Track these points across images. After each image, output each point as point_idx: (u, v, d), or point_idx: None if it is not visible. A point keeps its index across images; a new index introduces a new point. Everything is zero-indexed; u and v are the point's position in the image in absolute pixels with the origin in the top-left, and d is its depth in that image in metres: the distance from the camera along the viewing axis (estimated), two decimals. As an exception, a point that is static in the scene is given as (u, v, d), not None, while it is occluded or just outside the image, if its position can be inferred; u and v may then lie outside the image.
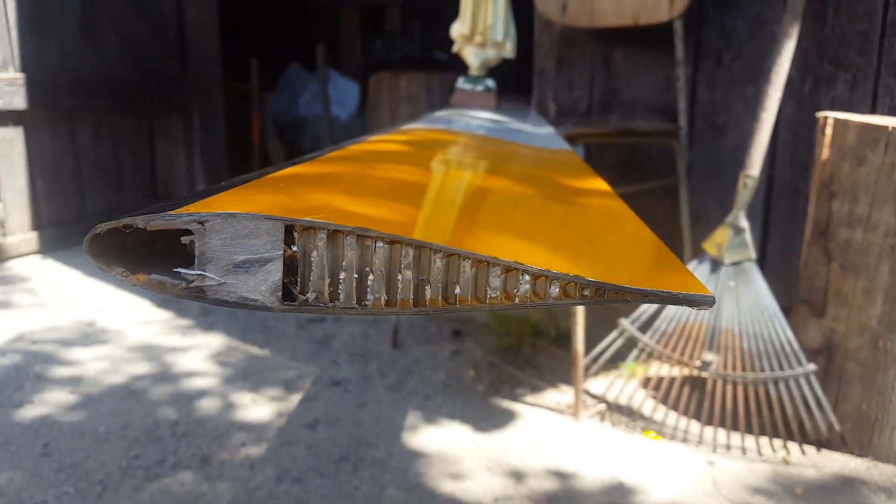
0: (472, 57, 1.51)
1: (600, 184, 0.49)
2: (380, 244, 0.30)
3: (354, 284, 0.30)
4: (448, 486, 1.16)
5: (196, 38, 2.95)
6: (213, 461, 1.23)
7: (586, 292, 0.31)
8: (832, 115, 1.21)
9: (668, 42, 1.72)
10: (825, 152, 1.21)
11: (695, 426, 1.33)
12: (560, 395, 1.49)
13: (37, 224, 2.48)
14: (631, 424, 1.36)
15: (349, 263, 0.30)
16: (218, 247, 0.29)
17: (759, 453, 1.25)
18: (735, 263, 1.29)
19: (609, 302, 0.31)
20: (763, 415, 1.27)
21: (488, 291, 0.30)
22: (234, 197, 0.31)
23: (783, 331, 1.24)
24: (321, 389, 1.51)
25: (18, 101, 2.32)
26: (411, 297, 0.30)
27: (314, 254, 0.30)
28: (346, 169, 0.45)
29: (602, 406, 1.42)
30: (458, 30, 1.52)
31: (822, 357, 1.24)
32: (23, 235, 2.42)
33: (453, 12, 1.58)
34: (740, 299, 1.28)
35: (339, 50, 4.81)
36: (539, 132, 0.90)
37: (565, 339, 1.71)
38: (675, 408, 1.36)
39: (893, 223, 1.12)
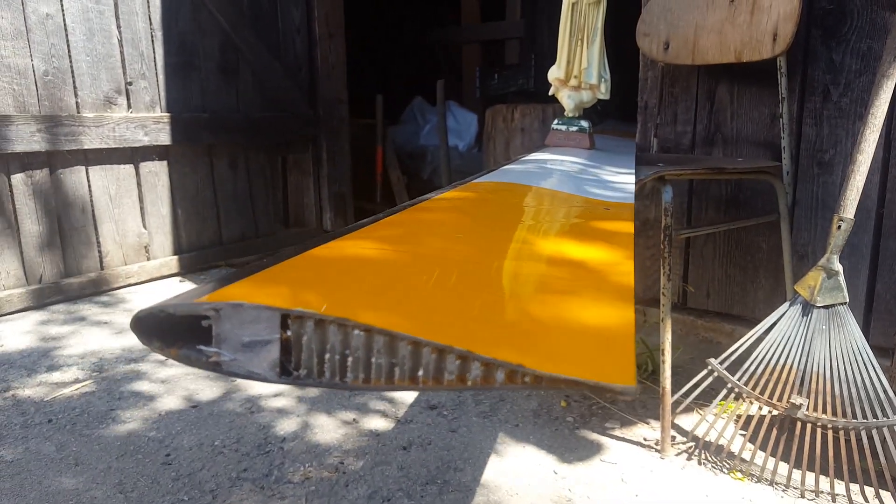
0: (567, 99, 1.61)
1: (617, 251, 0.56)
2: (356, 332, 0.36)
3: (338, 364, 0.37)
4: (528, 510, 1.25)
5: (325, 78, 3.27)
6: (312, 477, 1.38)
7: (527, 379, 0.35)
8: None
9: (773, 77, 1.73)
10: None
11: (783, 469, 1.33)
12: (649, 431, 1.53)
13: (177, 249, 2.83)
14: (717, 464, 1.39)
15: (332, 346, 0.36)
16: (229, 330, 0.36)
17: (850, 501, 1.24)
18: (827, 307, 1.29)
19: (546, 388, 0.35)
20: (854, 462, 1.25)
21: (445, 374, 0.36)
22: (249, 286, 0.40)
23: (878, 377, 1.23)
24: (417, 413, 1.65)
25: (164, 138, 2.69)
26: (383, 377, 0.36)
27: (304, 338, 0.36)
28: (371, 249, 0.53)
29: (690, 444, 1.45)
30: (554, 73, 1.63)
31: (922, 407, 1.21)
32: (164, 259, 2.77)
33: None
34: (832, 343, 1.27)
35: (462, 83, 5.05)
36: (619, 178, 0.98)
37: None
38: (763, 449, 1.37)
39: None
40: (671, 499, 1.28)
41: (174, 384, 1.81)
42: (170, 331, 0.37)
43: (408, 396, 1.72)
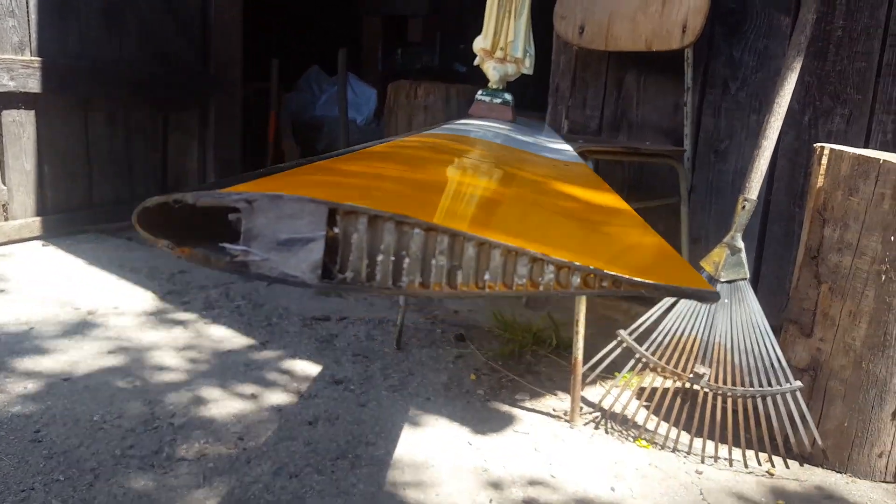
0: (492, 71, 1.60)
1: (612, 195, 0.56)
2: (417, 230, 0.33)
3: (391, 267, 0.33)
4: (444, 486, 1.24)
5: (219, 35, 3.06)
6: (209, 453, 1.29)
7: (605, 283, 0.34)
8: (828, 146, 1.30)
9: (678, 69, 1.82)
10: (820, 181, 1.30)
11: (685, 437, 1.41)
12: (558, 402, 1.57)
13: (41, 209, 2.55)
14: (624, 432, 1.44)
15: (387, 247, 0.33)
16: (263, 225, 0.32)
17: (746, 465, 1.33)
18: (730, 281, 1.37)
19: (624, 294, 0.34)
20: (751, 428, 1.34)
21: (515, 279, 0.34)
22: (281, 181, 0.36)
23: (773, 348, 1.33)
24: (323, 388, 1.58)
25: (33, 84, 2.40)
26: (444, 280, 0.34)
27: (354, 236, 0.33)
28: (376, 167, 0.51)
29: (597, 414, 1.50)
30: (479, 44, 1.61)
31: (809, 375, 1.32)
32: (25, 220, 2.49)
33: (475, 27, 1.67)
34: (733, 316, 1.36)
35: (360, 56, 4.93)
36: (554, 145, 0.98)
37: (565, 348, 1.78)
38: (667, 418, 1.44)
39: (880, 250, 1.20)
40: (582, 465, 1.31)
41: (43, 355, 1.62)
42: (180, 229, 0.32)
43: (311, 370, 1.65)
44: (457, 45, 4.31)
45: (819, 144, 1.32)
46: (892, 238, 1.18)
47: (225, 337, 1.82)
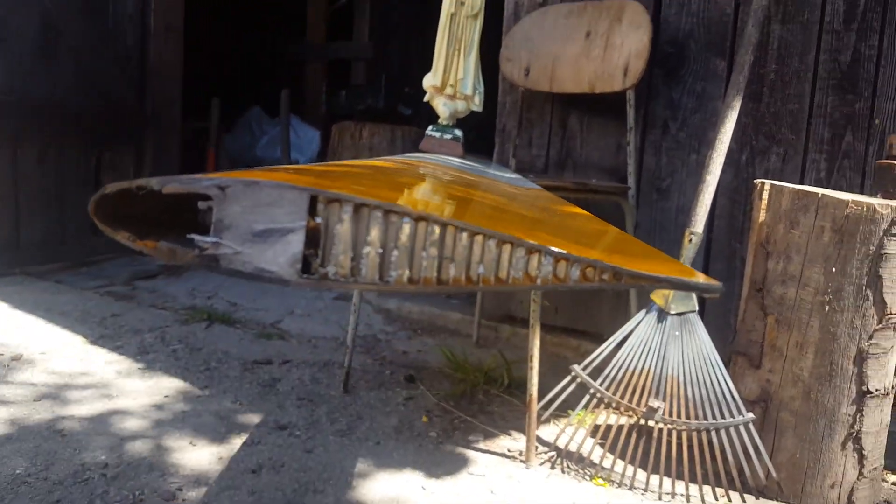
0: (442, 107, 1.61)
1: (581, 211, 0.55)
2: (406, 220, 0.30)
3: (378, 260, 0.31)
4: (399, 527, 1.18)
5: (158, 74, 2.99)
6: None
7: (605, 276, 0.33)
8: (768, 181, 1.35)
9: (620, 110, 1.87)
10: (762, 215, 1.34)
11: (642, 474, 1.39)
12: (512, 442, 1.53)
13: (-36, 252, 2.40)
14: (581, 471, 1.41)
15: (374, 238, 0.30)
16: (237, 214, 0.29)
17: (703, 501, 1.32)
18: (680, 314, 1.38)
19: (625, 287, 0.32)
20: (707, 463, 1.34)
21: (511, 272, 0.32)
22: (255, 172, 0.32)
23: (724, 380, 1.34)
24: (266, 433, 1.50)
25: (-42, 121, 2.29)
26: (434, 274, 0.31)
27: (338, 227, 0.30)
28: (355, 170, 0.48)
29: (553, 453, 1.47)
30: (429, 81, 1.62)
31: (760, 407, 1.34)
32: (-52, 263, 2.33)
33: (420, 69, 1.68)
34: (685, 348, 1.37)
35: (304, 97, 4.91)
36: (508, 175, 0.98)
37: (518, 386, 1.76)
38: (623, 455, 1.42)
39: (823, 281, 1.24)
40: (541, 507, 1.27)
41: (-43, 407, 1.49)
42: (140, 221, 0.27)
43: (253, 416, 1.57)
44: (401, 87, 4.35)
45: (759, 180, 1.37)
46: (834, 269, 1.22)
47: (161, 383, 1.72)
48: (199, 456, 1.38)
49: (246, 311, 2.38)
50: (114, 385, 1.68)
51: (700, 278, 0.33)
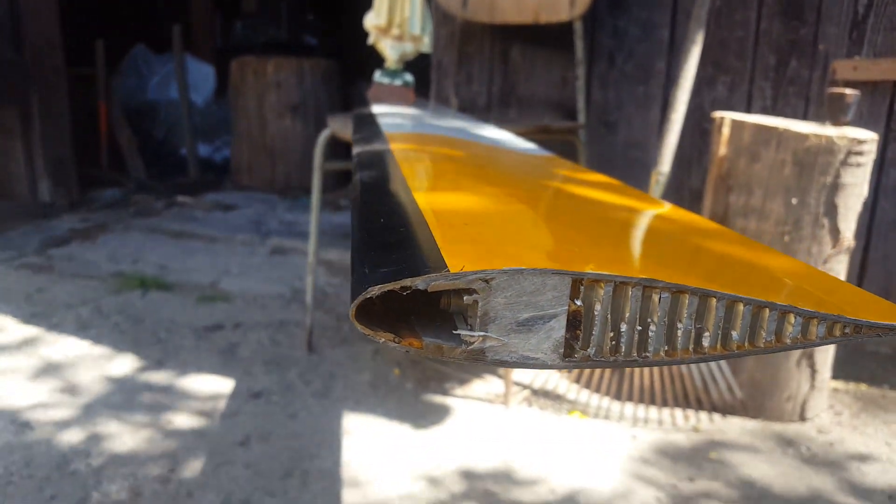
0: (390, 50, 1.59)
1: (644, 198, 0.59)
2: (665, 294, 0.31)
3: (636, 337, 0.31)
4: (404, 487, 1.25)
5: (32, 17, 2.74)
6: (144, 492, 1.21)
7: (847, 330, 0.32)
8: (728, 115, 1.45)
9: (565, 41, 1.92)
10: (722, 149, 1.45)
11: (616, 404, 1.52)
12: (487, 386, 1.63)
13: None
14: (557, 407, 1.54)
15: (632, 315, 0.31)
16: (502, 306, 0.29)
17: (674, 424, 1.47)
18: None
19: (862, 339, 0.32)
20: (676, 388, 1.49)
21: (763, 335, 0.32)
22: (502, 247, 0.32)
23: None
24: (242, 403, 1.52)
25: None
26: (691, 346, 0.32)
27: (597, 307, 0.30)
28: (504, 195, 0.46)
29: (528, 392, 1.58)
30: (372, 21, 1.59)
31: (726, 333, 1.49)
32: None
33: None
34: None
35: (191, 32, 4.62)
36: (497, 136, 1.01)
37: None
38: (598, 389, 1.55)
39: (783, 213, 1.37)
40: (527, 442, 1.38)
41: None
42: (383, 317, 0.28)
43: (223, 386, 1.58)
44: (304, 15, 4.18)
45: (718, 114, 1.47)
46: (794, 201, 1.35)
47: (113, 360, 1.68)
48: (180, 434, 1.39)
49: (178, 273, 2.32)
50: (64, 367, 1.63)
51: None
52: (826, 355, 1.48)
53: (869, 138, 1.32)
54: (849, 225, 1.38)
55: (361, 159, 0.56)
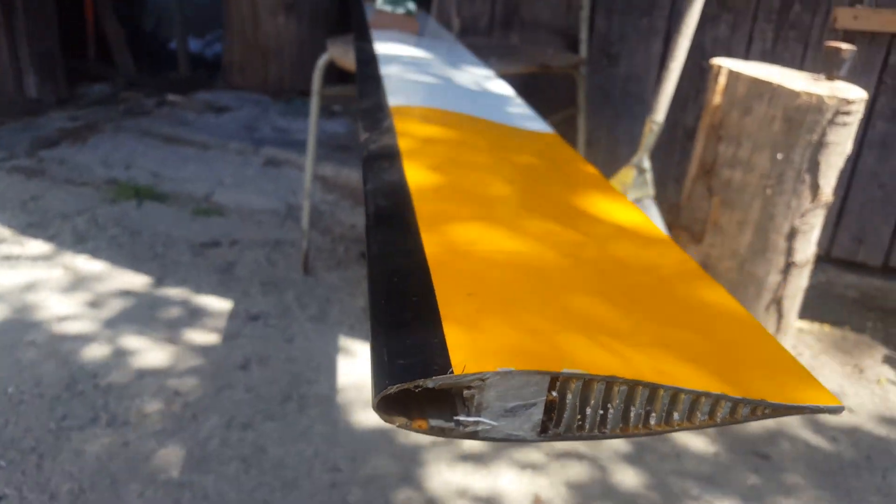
0: (392, -22, 1.57)
1: (631, 210, 0.64)
2: (623, 387, 0.39)
3: (598, 418, 0.40)
4: (395, 410, 1.37)
5: None
6: (150, 414, 1.31)
7: (767, 411, 0.40)
8: (725, 64, 1.47)
9: (572, -33, 1.89)
10: (717, 99, 1.49)
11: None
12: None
13: None
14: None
15: (596, 402, 0.39)
16: (494, 398, 0.37)
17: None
18: (637, 199, 1.56)
19: (781, 416, 0.40)
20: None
21: (699, 415, 0.40)
22: (488, 339, 0.38)
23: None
24: (242, 325, 1.62)
25: None
26: (641, 424, 0.40)
27: (569, 397, 0.39)
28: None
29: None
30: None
31: (703, 279, 1.58)
32: None
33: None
34: (641, 231, 1.56)
35: None
36: (505, 103, 1.04)
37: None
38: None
39: (768, 167, 1.43)
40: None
41: None
42: (393, 401, 0.36)
43: (221, 305, 1.67)
44: None
45: (716, 62, 1.49)
46: (779, 156, 1.41)
47: (113, 275, 1.76)
48: (182, 354, 1.49)
49: (172, 182, 2.36)
50: (64, 281, 1.71)
51: (826, 401, 0.40)
52: (794, 302, 1.59)
53: (858, 98, 1.36)
54: (829, 181, 1.44)
55: (374, 189, 0.60)
